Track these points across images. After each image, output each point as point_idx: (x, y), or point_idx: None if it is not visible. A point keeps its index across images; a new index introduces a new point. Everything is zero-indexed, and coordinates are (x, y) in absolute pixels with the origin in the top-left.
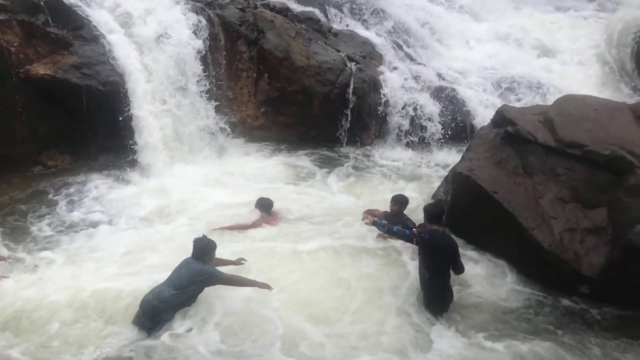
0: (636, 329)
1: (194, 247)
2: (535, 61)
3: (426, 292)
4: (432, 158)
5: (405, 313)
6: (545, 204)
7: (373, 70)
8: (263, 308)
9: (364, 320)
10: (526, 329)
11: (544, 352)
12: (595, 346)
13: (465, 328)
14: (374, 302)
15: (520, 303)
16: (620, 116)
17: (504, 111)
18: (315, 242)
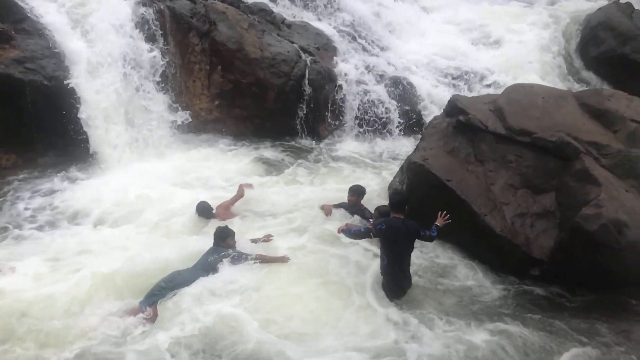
0: (583, 308)
1: (214, 235)
2: (486, 51)
3: (385, 277)
4: (388, 148)
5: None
6: (497, 191)
7: (328, 61)
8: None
9: (326, 308)
10: (479, 310)
11: (495, 331)
12: (545, 325)
13: (422, 311)
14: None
15: (474, 286)
16: (566, 104)
17: (455, 101)
18: (283, 240)
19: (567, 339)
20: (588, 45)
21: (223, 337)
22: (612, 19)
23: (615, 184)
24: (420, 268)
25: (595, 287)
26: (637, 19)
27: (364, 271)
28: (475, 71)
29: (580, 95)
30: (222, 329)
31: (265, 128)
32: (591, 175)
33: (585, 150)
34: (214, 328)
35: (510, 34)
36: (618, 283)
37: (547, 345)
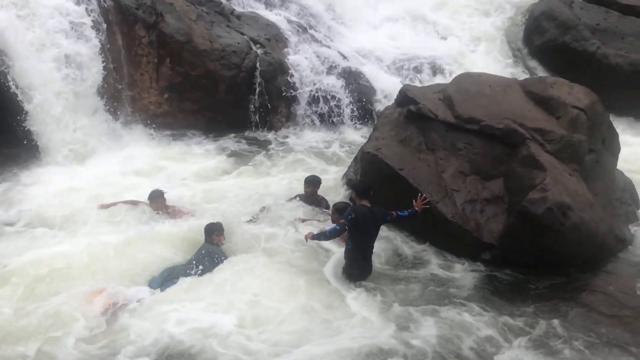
0: (531, 289)
1: (204, 231)
2: (435, 41)
3: (347, 261)
4: (342, 138)
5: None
6: (448, 178)
7: (279, 52)
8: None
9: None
10: (432, 293)
11: (446, 313)
12: (495, 307)
13: (382, 297)
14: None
15: (427, 271)
16: (512, 92)
17: (406, 91)
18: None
19: (516, 321)
20: (532, 34)
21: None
22: (553, 9)
23: (559, 169)
24: (379, 255)
25: (543, 268)
26: (576, 9)
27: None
28: (425, 61)
29: (525, 83)
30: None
31: (217, 121)
32: (537, 161)
33: (531, 137)
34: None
35: (459, 24)
36: (563, 263)
37: (499, 327)
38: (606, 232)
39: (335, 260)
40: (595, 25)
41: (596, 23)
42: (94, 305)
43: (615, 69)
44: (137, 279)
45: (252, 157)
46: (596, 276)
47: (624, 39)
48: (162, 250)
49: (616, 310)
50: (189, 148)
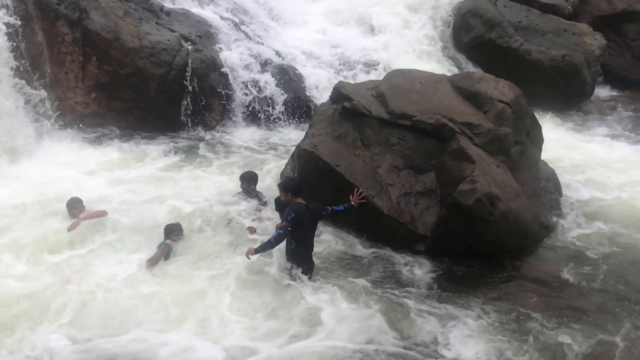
0: (462, 277)
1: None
2: (368, 38)
3: (291, 261)
4: (278, 135)
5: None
6: (383, 173)
7: (211, 50)
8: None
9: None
10: (372, 284)
11: (388, 303)
12: (431, 294)
13: (324, 291)
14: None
15: (366, 264)
16: (442, 87)
17: (340, 88)
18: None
19: (453, 306)
20: (460, 31)
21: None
22: (479, 6)
23: (487, 161)
24: (319, 251)
25: (474, 256)
26: (500, 7)
27: (269, 255)
28: (359, 57)
29: (454, 79)
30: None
31: (149, 120)
32: (466, 154)
33: (460, 131)
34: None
35: (391, 21)
36: (493, 251)
37: (438, 313)
38: (532, 219)
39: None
40: (518, 23)
41: (519, 20)
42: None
43: (537, 64)
44: None
45: (185, 156)
46: (524, 261)
47: (544, 35)
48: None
49: (541, 291)
50: (119, 149)
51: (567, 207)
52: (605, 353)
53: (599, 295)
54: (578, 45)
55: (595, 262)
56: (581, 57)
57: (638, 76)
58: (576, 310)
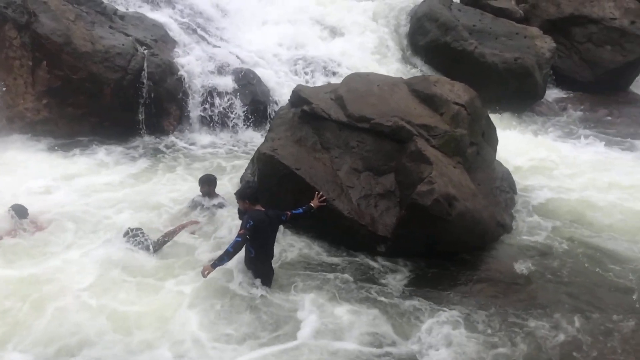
0: (422, 277)
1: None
2: (327, 42)
3: (250, 269)
4: (237, 140)
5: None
6: (343, 176)
7: (167, 54)
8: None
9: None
10: (333, 286)
11: (352, 304)
12: (392, 294)
13: (288, 296)
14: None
15: (328, 267)
16: (399, 90)
17: (299, 91)
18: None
19: (412, 307)
20: (416, 34)
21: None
22: (434, 10)
23: (444, 162)
24: (281, 257)
25: (434, 256)
26: (455, 11)
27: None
28: (318, 61)
29: (410, 81)
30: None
31: (104, 126)
32: (423, 155)
33: (417, 133)
34: None
35: (349, 24)
36: (452, 250)
37: (399, 312)
38: (489, 218)
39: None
40: (472, 26)
41: (473, 24)
42: None
43: (491, 67)
44: None
45: (142, 162)
46: (482, 259)
47: (497, 39)
48: None
49: (497, 287)
50: (72, 156)
51: (521, 206)
52: (558, 345)
53: (552, 289)
54: (529, 48)
55: (548, 258)
56: (532, 59)
57: (586, 78)
58: (532, 305)
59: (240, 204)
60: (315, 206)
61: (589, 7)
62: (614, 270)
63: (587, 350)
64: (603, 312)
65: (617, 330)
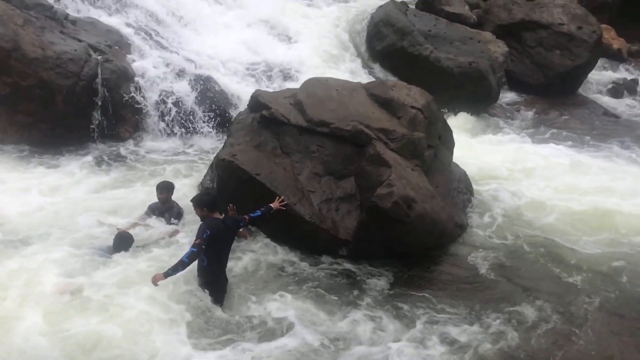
0: (384, 277)
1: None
2: (285, 46)
3: (203, 280)
4: (196, 146)
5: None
6: (304, 180)
7: (122, 59)
8: None
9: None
10: (295, 291)
11: (312, 305)
12: (351, 296)
13: (240, 301)
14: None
15: (290, 271)
16: (357, 95)
17: (258, 96)
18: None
19: (373, 309)
20: (373, 39)
21: None
22: (391, 15)
23: (403, 165)
24: (240, 265)
25: (394, 257)
26: (410, 16)
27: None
28: (276, 66)
29: (368, 86)
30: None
31: (57, 134)
32: (382, 159)
33: (376, 137)
34: None
35: (308, 29)
36: (412, 251)
37: (360, 314)
38: (447, 219)
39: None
40: (428, 31)
41: (428, 29)
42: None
43: (447, 71)
44: None
45: (97, 171)
46: (441, 259)
47: (452, 43)
48: None
49: (457, 285)
50: (23, 165)
51: (478, 206)
52: (512, 338)
53: (509, 284)
54: (483, 52)
55: (503, 256)
56: (486, 63)
57: (537, 81)
58: (488, 301)
59: (197, 212)
60: (275, 208)
61: (538, 13)
62: (558, 263)
63: (545, 336)
64: (554, 302)
65: (570, 316)
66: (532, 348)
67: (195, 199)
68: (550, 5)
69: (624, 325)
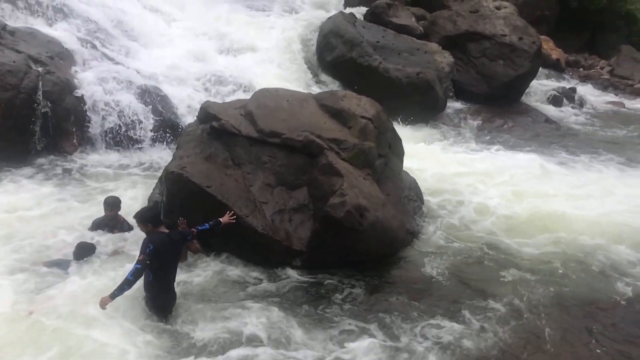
0: (338, 286)
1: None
2: (233, 57)
3: (149, 294)
4: (144, 159)
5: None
6: (256, 191)
7: (65, 71)
8: None
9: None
10: (250, 303)
11: (266, 318)
12: (306, 307)
13: (196, 321)
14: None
15: (244, 284)
16: (308, 105)
17: (207, 107)
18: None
19: (325, 318)
20: (323, 50)
21: None
22: (340, 27)
23: (354, 174)
24: (191, 278)
25: (348, 266)
26: (359, 28)
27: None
28: (226, 77)
29: (319, 97)
30: None
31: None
32: (334, 168)
33: (328, 147)
34: None
35: (257, 40)
36: (365, 259)
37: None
38: (398, 227)
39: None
40: (376, 42)
41: (377, 40)
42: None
43: (395, 82)
44: None
45: (40, 187)
46: (393, 266)
47: (400, 54)
48: None
49: (409, 289)
50: None
51: (428, 213)
52: (459, 338)
53: (457, 287)
54: (430, 63)
55: (453, 259)
56: (433, 73)
57: (482, 90)
58: (440, 303)
59: (141, 227)
60: (224, 222)
61: (481, 25)
62: (504, 265)
63: (495, 337)
64: (500, 302)
65: (515, 315)
66: (485, 345)
67: (139, 214)
68: (492, 17)
69: (565, 317)
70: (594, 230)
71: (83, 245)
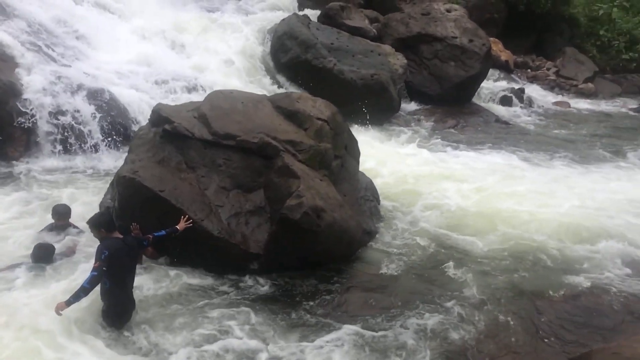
0: (296, 288)
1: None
2: (185, 59)
3: (108, 302)
4: (94, 164)
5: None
6: (211, 195)
7: (7, 74)
8: None
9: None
10: (210, 307)
11: (226, 323)
12: (267, 309)
13: (154, 331)
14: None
15: (201, 288)
16: (263, 107)
17: (159, 110)
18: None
19: (290, 318)
20: (278, 52)
21: None
22: (294, 29)
23: (311, 175)
24: (146, 290)
25: (307, 268)
26: (313, 30)
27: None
28: (178, 78)
29: (274, 98)
30: None
31: None
32: (291, 170)
33: (284, 148)
34: None
35: (210, 41)
36: (323, 260)
37: (275, 329)
38: (356, 227)
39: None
40: (330, 45)
41: (331, 42)
42: None
43: (350, 83)
44: None
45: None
46: (351, 266)
47: (354, 56)
48: None
49: (368, 287)
50: None
51: (384, 213)
52: (418, 338)
53: (416, 286)
54: (384, 64)
55: (411, 258)
56: (387, 75)
57: (435, 91)
58: (394, 301)
59: (94, 233)
60: (180, 229)
61: (433, 27)
62: (460, 261)
63: (454, 336)
64: (454, 296)
65: (474, 313)
66: (442, 336)
67: (91, 220)
68: (443, 20)
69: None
70: (551, 227)
71: (41, 246)
